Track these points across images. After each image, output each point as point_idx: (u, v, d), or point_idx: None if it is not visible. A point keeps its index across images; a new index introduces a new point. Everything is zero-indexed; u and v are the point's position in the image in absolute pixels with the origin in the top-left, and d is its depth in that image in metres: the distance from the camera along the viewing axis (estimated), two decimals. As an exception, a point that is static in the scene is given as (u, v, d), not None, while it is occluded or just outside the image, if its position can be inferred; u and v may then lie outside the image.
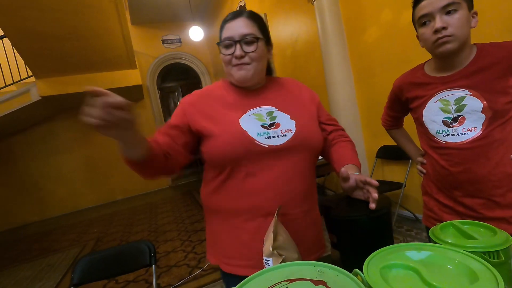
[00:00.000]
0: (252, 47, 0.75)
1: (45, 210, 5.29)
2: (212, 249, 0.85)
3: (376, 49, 2.42)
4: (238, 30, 0.74)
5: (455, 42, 0.75)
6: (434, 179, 0.89)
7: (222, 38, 0.77)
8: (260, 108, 0.78)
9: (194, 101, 0.81)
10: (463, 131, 0.78)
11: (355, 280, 0.39)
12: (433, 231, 0.56)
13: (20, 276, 2.85)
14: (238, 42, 0.74)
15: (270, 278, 0.44)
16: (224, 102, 0.79)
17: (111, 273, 1.29)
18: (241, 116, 0.75)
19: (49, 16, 3.34)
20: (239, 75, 0.76)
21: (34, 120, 5.10)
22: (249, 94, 0.81)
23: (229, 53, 0.75)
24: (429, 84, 0.86)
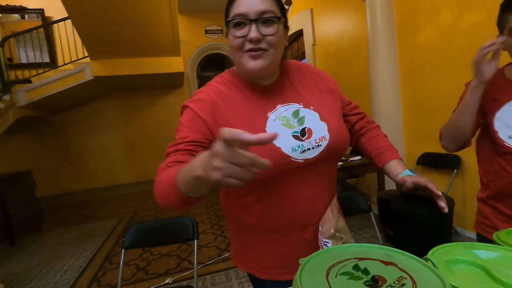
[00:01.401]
0: (271, 29, 0.60)
1: (87, 180, 5.78)
2: (242, 258, 0.78)
3: (429, 51, 2.31)
4: (254, 6, 0.58)
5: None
6: (494, 186, 0.86)
7: (231, 15, 0.60)
8: (282, 109, 0.66)
9: (209, 107, 0.64)
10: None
11: (426, 264, 0.42)
12: (498, 235, 0.56)
13: (66, 237, 3.16)
14: (254, 21, 0.58)
15: (338, 255, 0.48)
16: (241, 106, 0.65)
17: (156, 242, 1.41)
18: (266, 124, 0.63)
19: (109, 2, 3.59)
20: (254, 65, 0.61)
21: (85, 98, 5.54)
22: (264, 90, 0.68)
23: (240, 35, 0.59)
24: (508, 88, 0.83)
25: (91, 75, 4.64)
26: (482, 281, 0.43)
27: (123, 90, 5.89)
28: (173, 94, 6.28)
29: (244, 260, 0.77)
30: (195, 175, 0.42)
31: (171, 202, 0.52)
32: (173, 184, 0.49)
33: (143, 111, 6.12)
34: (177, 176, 0.49)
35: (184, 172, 0.47)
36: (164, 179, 0.54)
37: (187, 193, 0.48)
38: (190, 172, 0.44)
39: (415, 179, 0.64)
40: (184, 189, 0.48)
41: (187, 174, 0.45)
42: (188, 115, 0.64)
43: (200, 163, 0.41)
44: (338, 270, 0.43)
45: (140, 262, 2.36)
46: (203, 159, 0.40)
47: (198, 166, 0.41)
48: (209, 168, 0.37)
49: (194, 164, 0.43)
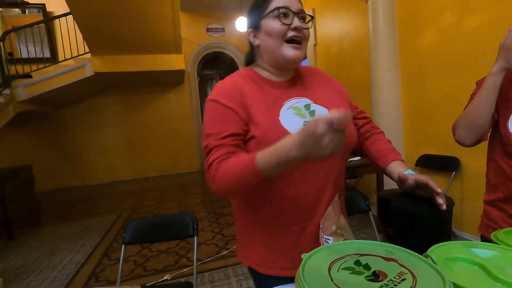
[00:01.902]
0: (306, 24, 0.70)
1: (86, 176, 5.77)
2: (246, 252, 0.80)
3: (430, 54, 2.32)
4: (294, 3, 0.68)
5: None
6: (503, 188, 0.85)
7: (271, 7, 0.68)
8: (295, 100, 0.72)
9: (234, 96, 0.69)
10: None
11: (426, 261, 0.43)
12: (496, 234, 0.57)
13: (65, 232, 3.16)
14: (296, 14, 0.68)
15: (339, 251, 0.49)
16: (258, 96, 0.71)
17: (156, 239, 1.42)
18: (280, 112, 0.69)
19: None
20: (294, 53, 0.68)
21: (85, 94, 5.53)
22: (281, 85, 0.74)
23: (286, 23, 0.67)
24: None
25: (91, 71, 4.64)
26: (480, 279, 0.44)
27: (123, 86, 5.88)
28: (174, 91, 6.28)
29: (247, 253, 0.79)
30: (290, 156, 0.52)
31: (243, 187, 0.61)
32: (252, 169, 0.57)
33: (143, 108, 6.12)
34: (257, 161, 0.56)
35: (270, 158, 0.55)
36: (236, 167, 0.60)
37: (270, 174, 0.57)
38: (283, 155, 0.53)
39: (417, 176, 0.65)
40: (268, 171, 0.56)
41: (277, 157, 0.54)
42: (218, 109, 0.68)
43: (298, 145, 0.51)
44: (340, 265, 0.44)
45: (138, 259, 2.36)
46: (302, 141, 0.50)
47: (293, 148, 0.51)
48: (317, 146, 0.48)
49: (285, 147, 0.53)
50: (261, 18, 0.70)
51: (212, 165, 0.63)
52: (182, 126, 6.34)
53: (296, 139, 0.51)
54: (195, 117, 6.48)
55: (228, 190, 0.63)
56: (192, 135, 6.45)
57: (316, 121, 0.47)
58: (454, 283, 0.41)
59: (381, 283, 0.38)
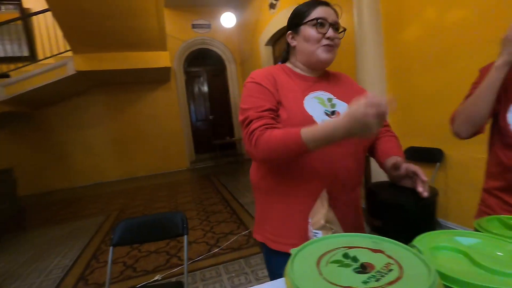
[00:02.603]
0: (338, 34, 0.82)
1: (73, 178, 5.62)
2: (260, 227, 0.88)
3: (415, 48, 2.36)
4: (331, 16, 0.80)
5: None
6: (501, 177, 0.86)
7: (310, 17, 0.80)
8: (320, 92, 0.82)
9: (271, 80, 0.80)
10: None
11: (412, 251, 0.44)
12: (479, 222, 0.59)
13: (50, 236, 3.08)
14: (331, 25, 0.79)
15: (328, 244, 0.49)
16: (288, 84, 0.81)
17: (145, 239, 1.39)
18: (305, 99, 0.78)
19: (91, -6, 3.47)
20: (327, 56, 0.80)
21: (69, 93, 5.37)
22: (309, 79, 0.85)
23: (322, 32, 0.79)
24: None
25: (73, 70, 4.50)
26: (464, 265, 0.46)
27: (108, 85, 5.73)
28: (160, 89, 6.18)
29: (262, 229, 0.87)
30: (336, 135, 0.62)
31: (285, 155, 0.69)
32: (297, 140, 0.65)
33: (130, 106, 5.99)
34: (303, 134, 0.65)
35: (316, 134, 0.64)
36: (283, 136, 0.68)
37: (313, 147, 0.65)
38: (330, 134, 0.62)
39: (408, 165, 0.68)
40: (312, 144, 0.65)
41: (323, 134, 0.63)
42: (256, 88, 0.79)
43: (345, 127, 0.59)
44: (329, 258, 0.44)
45: (128, 260, 2.33)
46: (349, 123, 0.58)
47: (340, 129, 0.60)
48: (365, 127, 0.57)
49: (333, 128, 0.61)
50: (301, 24, 0.81)
51: (255, 132, 0.72)
52: (170, 124, 6.26)
53: (345, 122, 0.59)
54: (183, 115, 6.41)
55: (269, 156, 0.71)
56: (180, 133, 6.37)
57: (366, 103, 0.55)
58: (439, 271, 0.42)
59: (368, 275, 0.39)
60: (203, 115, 6.85)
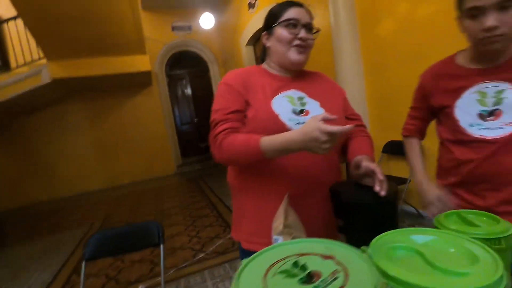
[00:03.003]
0: (311, 35, 0.82)
1: (54, 189, 5.43)
2: (237, 225, 0.88)
3: (390, 43, 2.39)
4: (304, 17, 0.80)
5: (505, 42, 0.71)
6: (455, 173, 0.86)
7: (283, 18, 0.80)
8: (292, 91, 0.82)
9: (241, 81, 0.81)
10: (500, 126, 0.75)
11: (362, 256, 0.42)
12: (438, 218, 0.58)
13: (29, 252, 2.96)
14: (303, 26, 0.79)
15: (281, 252, 0.47)
16: (259, 84, 0.82)
17: (120, 251, 1.35)
18: (274, 98, 0.78)
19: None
20: (298, 57, 0.80)
21: (45, 101, 5.18)
22: (283, 79, 0.85)
23: (293, 33, 0.79)
24: (465, 76, 0.82)
25: (49, 78, 4.35)
26: (418, 266, 0.45)
27: (87, 91, 5.57)
28: (142, 94, 6.05)
29: (237, 226, 0.87)
30: (291, 149, 0.65)
31: (245, 161, 0.74)
32: (257, 149, 0.68)
33: (111, 113, 5.84)
34: (262, 143, 0.67)
35: (274, 145, 0.67)
36: (243, 143, 0.71)
37: (269, 157, 0.69)
38: (286, 147, 0.65)
39: (367, 163, 0.67)
40: (269, 154, 0.68)
41: (280, 147, 0.66)
42: (225, 89, 0.80)
43: (300, 143, 0.63)
44: (278, 268, 0.42)
45: (110, 272, 2.26)
46: (304, 142, 0.62)
47: (295, 144, 0.64)
48: (317, 149, 0.61)
49: (289, 142, 0.64)
50: (274, 25, 0.82)
51: (218, 136, 0.74)
52: (154, 129, 6.14)
53: (299, 138, 0.62)
54: (167, 119, 6.30)
55: (230, 159, 0.75)
56: (165, 138, 6.27)
57: (321, 130, 0.58)
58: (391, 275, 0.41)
59: (313, 285, 0.37)
60: (188, 118, 6.76)
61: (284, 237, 0.57)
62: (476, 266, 0.41)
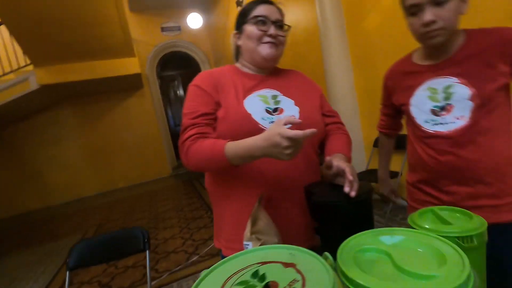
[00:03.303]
0: (282, 32, 0.81)
1: (47, 197, 5.37)
2: (217, 233, 0.86)
3: (376, 37, 2.37)
4: (274, 13, 0.79)
5: (445, 35, 0.73)
6: (420, 169, 0.87)
7: (252, 15, 0.79)
8: (265, 90, 0.80)
9: (211, 82, 0.79)
10: (452, 120, 0.77)
11: (323, 263, 0.40)
12: (412, 217, 0.56)
13: (22, 261, 2.92)
14: (273, 23, 0.78)
15: (244, 261, 0.45)
16: (232, 84, 0.80)
17: (106, 258, 1.32)
18: (247, 97, 0.76)
19: (46, 3, 3.30)
20: (269, 52, 0.78)
21: (35, 108, 5.11)
22: (256, 78, 0.83)
23: (262, 29, 0.77)
24: (417, 73, 0.84)
25: (36, 84, 4.28)
26: (386, 270, 0.43)
27: (78, 96, 5.50)
28: (134, 96, 5.99)
29: (218, 234, 0.85)
30: (254, 155, 0.62)
31: (211, 168, 0.74)
32: (222, 157, 0.65)
33: (103, 117, 5.78)
34: (226, 150, 0.65)
35: (238, 152, 0.64)
36: (208, 150, 0.68)
37: (235, 164, 0.66)
38: (249, 153, 0.63)
39: (338, 163, 0.66)
40: (234, 161, 0.65)
41: (244, 153, 0.63)
42: (194, 91, 0.78)
43: (262, 149, 0.60)
44: (236, 280, 0.40)
45: (103, 278, 2.23)
46: (266, 147, 0.59)
47: (258, 151, 0.61)
48: (280, 154, 0.58)
49: (252, 148, 0.62)
50: (244, 23, 0.81)
51: (185, 142, 0.72)
52: (148, 131, 6.09)
53: (261, 144, 0.60)
54: (160, 120, 6.26)
55: (198, 167, 0.73)
56: (159, 140, 6.22)
57: (282, 135, 0.55)
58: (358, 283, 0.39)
59: (268, 297, 0.35)
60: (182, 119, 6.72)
61: (253, 243, 0.55)
62: (443, 268, 0.39)
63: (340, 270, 0.42)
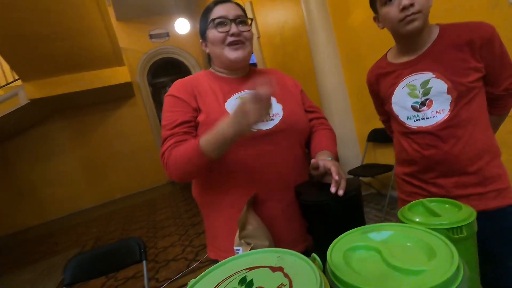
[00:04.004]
0: (246, 27, 0.78)
1: (44, 213, 5.30)
2: (211, 244, 0.84)
3: (362, 32, 2.38)
4: (231, 11, 0.76)
5: (422, 20, 0.73)
6: (406, 163, 0.88)
7: (211, 18, 0.76)
8: (246, 92, 0.78)
9: (188, 89, 0.77)
10: (432, 114, 0.78)
11: (311, 265, 0.39)
12: (402, 211, 0.56)
13: (21, 279, 2.87)
14: (233, 21, 0.75)
15: (231, 267, 0.44)
16: (209, 89, 0.78)
17: (102, 271, 1.30)
18: (227, 101, 0.75)
19: (30, 17, 3.26)
20: (236, 54, 0.76)
21: (27, 123, 5.05)
22: (233, 81, 0.81)
23: (223, 31, 0.75)
24: (394, 72, 0.85)
25: (26, 99, 4.24)
26: (376, 267, 0.42)
27: (69, 109, 5.45)
28: (126, 105, 5.95)
29: (211, 245, 0.83)
30: (227, 136, 0.60)
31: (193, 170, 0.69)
32: (198, 152, 0.63)
33: (96, 128, 5.73)
34: (201, 145, 0.63)
35: (210, 140, 0.62)
36: (184, 153, 0.67)
37: (214, 155, 0.64)
38: (221, 136, 0.61)
39: (324, 162, 0.65)
40: (211, 153, 0.63)
41: (215, 138, 0.62)
42: (170, 101, 0.76)
43: (231, 125, 0.59)
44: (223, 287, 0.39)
45: (103, 292, 2.20)
46: (234, 120, 0.58)
47: (228, 128, 0.59)
48: (246, 120, 0.57)
49: (222, 128, 0.60)
50: (205, 29, 0.78)
51: (164, 154, 0.71)
52: (142, 139, 6.05)
53: (229, 120, 0.59)
54: (154, 128, 6.22)
55: (181, 174, 0.70)
56: (154, 147, 6.18)
57: (243, 100, 0.56)
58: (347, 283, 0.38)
59: (255, 304, 0.34)
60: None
61: (243, 248, 0.54)
62: (433, 262, 0.39)
63: (330, 270, 0.41)
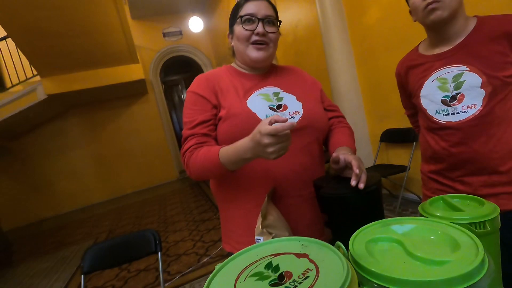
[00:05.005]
0: (273, 28, 0.77)
1: (58, 205, 5.46)
2: (226, 236, 0.85)
3: (377, 31, 2.36)
4: (262, 10, 0.75)
5: (445, 10, 0.72)
6: (433, 160, 0.86)
7: (241, 14, 0.76)
8: (266, 89, 0.79)
9: (209, 86, 0.78)
10: (463, 109, 0.75)
11: (336, 252, 0.40)
12: (423, 206, 0.56)
13: (36, 269, 2.97)
14: (261, 20, 0.74)
15: (256, 254, 0.46)
16: (231, 85, 0.78)
17: (118, 261, 1.34)
18: (248, 98, 0.76)
19: (49, 14, 3.36)
20: (257, 55, 0.76)
21: (43, 118, 5.21)
22: (255, 77, 0.81)
23: (249, 29, 0.75)
24: (425, 64, 0.83)
25: (44, 94, 4.37)
26: (399, 258, 0.42)
27: (83, 105, 5.59)
28: (138, 103, 6.06)
29: (227, 237, 0.84)
30: (245, 158, 0.62)
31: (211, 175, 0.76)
32: (217, 163, 0.66)
33: (108, 124, 5.86)
34: (220, 156, 0.65)
35: (230, 155, 0.64)
36: (204, 161, 0.69)
37: (231, 168, 0.67)
38: (240, 156, 0.62)
39: (345, 156, 0.65)
40: (229, 166, 0.66)
41: (235, 156, 0.63)
42: (191, 98, 0.78)
43: (250, 150, 0.59)
44: (250, 271, 0.41)
45: (116, 283, 2.26)
46: (253, 148, 0.58)
47: (247, 152, 0.60)
48: (264, 153, 0.56)
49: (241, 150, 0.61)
50: (233, 23, 0.79)
51: (185, 154, 0.73)
52: (153, 136, 6.15)
53: (248, 145, 0.59)
54: (165, 125, 6.31)
55: (199, 176, 0.73)
56: (165, 144, 6.27)
57: (261, 133, 0.53)
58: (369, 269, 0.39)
59: (283, 286, 0.35)
60: (184, 125, 6.77)
61: (265, 237, 0.56)
62: (457, 253, 0.39)
63: (352, 259, 0.42)
